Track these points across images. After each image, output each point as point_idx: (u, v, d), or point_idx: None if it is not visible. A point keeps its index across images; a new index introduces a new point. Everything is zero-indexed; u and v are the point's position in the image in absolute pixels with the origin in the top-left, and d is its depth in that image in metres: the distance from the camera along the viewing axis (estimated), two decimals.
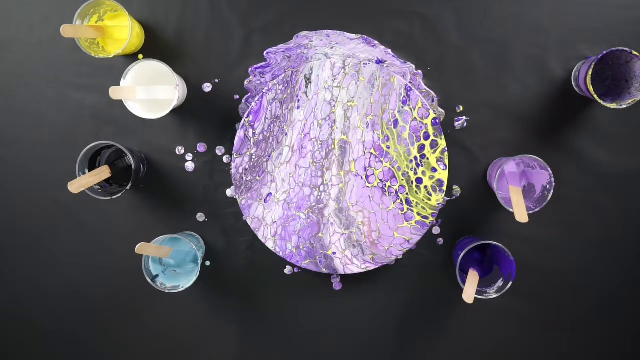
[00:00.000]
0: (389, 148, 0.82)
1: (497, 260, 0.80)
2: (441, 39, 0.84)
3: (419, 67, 0.84)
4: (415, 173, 0.82)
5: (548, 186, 0.75)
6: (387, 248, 0.82)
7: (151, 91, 0.78)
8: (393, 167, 0.82)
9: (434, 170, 0.81)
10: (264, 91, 0.82)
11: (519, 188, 0.77)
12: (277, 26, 0.84)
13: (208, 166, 0.85)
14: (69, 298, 0.86)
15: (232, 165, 0.82)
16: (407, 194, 0.82)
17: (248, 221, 0.83)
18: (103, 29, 0.80)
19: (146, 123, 0.84)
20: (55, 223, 0.85)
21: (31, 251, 0.86)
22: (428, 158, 0.81)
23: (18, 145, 0.85)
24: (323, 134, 0.82)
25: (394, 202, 0.82)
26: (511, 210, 0.75)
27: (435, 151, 0.81)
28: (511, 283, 0.75)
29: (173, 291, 0.77)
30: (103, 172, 0.78)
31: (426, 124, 0.81)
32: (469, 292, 0.74)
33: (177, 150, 0.85)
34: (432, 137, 0.81)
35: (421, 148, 0.81)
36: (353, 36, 0.83)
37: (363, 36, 0.83)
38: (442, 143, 0.81)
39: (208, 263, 0.86)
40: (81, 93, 0.84)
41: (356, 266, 0.83)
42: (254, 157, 0.82)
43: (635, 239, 0.84)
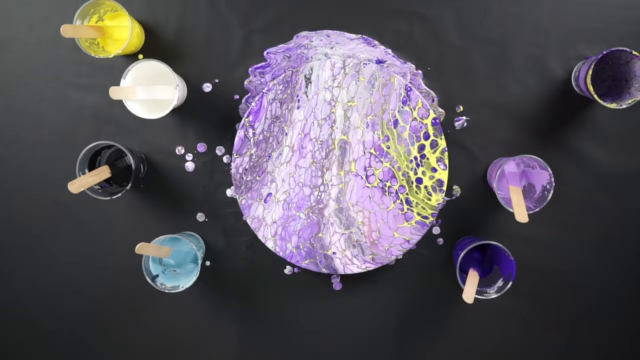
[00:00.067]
0: (389, 148, 0.82)
1: (497, 260, 0.80)
2: (441, 39, 0.84)
3: (419, 67, 0.84)
4: (415, 173, 0.82)
5: (548, 186, 0.75)
6: (387, 248, 0.82)
7: (151, 91, 0.78)
8: (393, 167, 0.82)
9: (434, 170, 0.81)
10: (264, 91, 0.82)
11: (519, 188, 0.77)
12: (277, 26, 0.84)
13: (208, 166, 0.85)
14: (69, 298, 0.86)
15: (232, 165, 0.82)
16: (407, 194, 0.82)
17: (248, 221, 0.83)
18: (103, 29, 0.80)
19: (146, 123, 0.84)
20: (55, 223, 0.85)
21: (31, 251, 0.86)
22: (428, 158, 0.81)
23: (18, 145, 0.85)
24: (323, 134, 0.82)
25: (394, 202, 0.82)
26: (511, 210, 0.75)
27: (435, 151, 0.81)
28: (511, 283, 0.75)
29: (173, 291, 0.77)
30: (103, 172, 0.77)
31: (426, 124, 0.81)
32: (469, 292, 0.74)
33: (177, 150, 0.85)
34: (432, 137, 0.81)
35: (421, 148, 0.81)
36: (353, 36, 0.83)
37: (363, 36, 0.83)
38: (442, 143, 0.81)
39: (208, 263, 0.86)
40: (81, 93, 0.84)
41: (356, 266, 0.83)
42: (254, 157, 0.82)
43: (635, 239, 0.84)
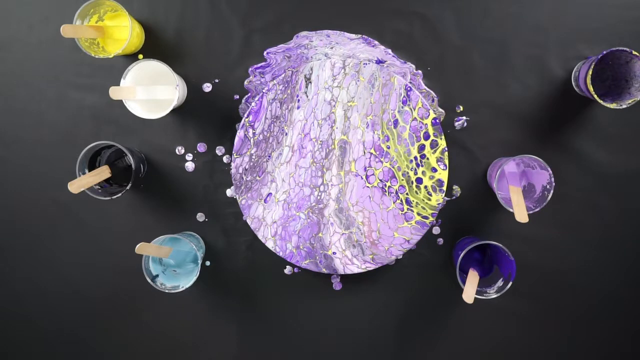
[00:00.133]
0: (389, 148, 0.82)
1: (497, 260, 0.80)
2: (441, 39, 0.84)
3: (419, 67, 0.84)
4: (415, 173, 0.82)
5: (548, 186, 0.75)
6: (387, 248, 0.82)
7: (151, 91, 0.78)
8: (393, 167, 0.82)
9: (434, 170, 0.81)
10: (264, 91, 0.82)
11: (519, 188, 0.77)
12: (277, 26, 0.84)
13: (208, 166, 0.85)
14: (69, 298, 0.86)
15: (232, 165, 0.82)
16: (407, 194, 0.82)
17: (248, 221, 0.83)
18: (103, 29, 0.80)
19: (146, 123, 0.84)
20: (55, 223, 0.85)
21: (31, 251, 0.86)
22: (428, 158, 0.81)
23: (18, 145, 0.85)
24: (323, 134, 0.82)
25: (394, 202, 0.82)
26: (511, 210, 0.75)
27: (435, 151, 0.81)
28: (511, 283, 0.75)
29: (173, 291, 0.77)
30: (103, 172, 0.77)
31: (426, 124, 0.81)
32: (469, 292, 0.74)
33: (177, 150, 0.85)
34: (432, 137, 0.81)
35: (421, 148, 0.81)
36: (353, 36, 0.83)
37: (363, 36, 0.83)
38: (442, 143, 0.81)
39: (208, 263, 0.86)
40: (81, 93, 0.84)
41: (356, 266, 0.83)
42: (254, 157, 0.82)
43: (635, 239, 0.84)
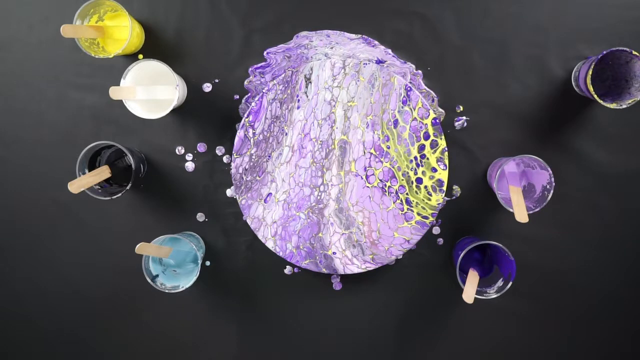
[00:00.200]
0: (389, 148, 0.82)
1: (497, 260, 0.80)
2: (441, 39, 0.84)
3: (419, 67, 0.84)
4: (415, 173, 0.82)
5: (548, 186, 0.75)
6: (387, 248, 0.82)
7: (151, 91, 0.78)
8: (393, 167, 0.82)
9: (434, 170, 0.81)
10: (264, 91, 0.82)
11: (519, 188, 0.77)
12: (277, 26, 0.84)
13: (208, 166, 0.85)
14: (69, 298, 0.86)
15: (232, 165, 0.82)
16: (407, 194, 0.82)
17: (248, 221, 0.83)
18: (103, 29, 0.80)
19: (146, 123, 0.84)
20: (55, 223, 0.85)
21: (31, 251, 0.86)
22: (428, 158, 0.81)
23: (18, 145, 0.85)
24: (323, 134, 0.82)
25: (394, 202, 0.82)
26: (511, 210, 0.75)
27: (435, 151, 0.81)
28: (511, 283, 0.75)
29: (173, 291, 0.77)
30: (103, 172, 0.77)
31: (426, 124, 0.81)
32: (469, 292, 0.74)
33: (177, 150, 0.85)
34: (432, 137, 0.81)
35: (421, 148, 0.81)
36: (353, 36, 0.83)
37: (363, 36, 0.83)
38: (442, 143, 0.81)
39: (208, 263, 0.86)
40: (81, 93, 0.84)
41: (356, 266, 0.83)
42: (254, 157, 0.82)
43: (635, 239, 0.84)
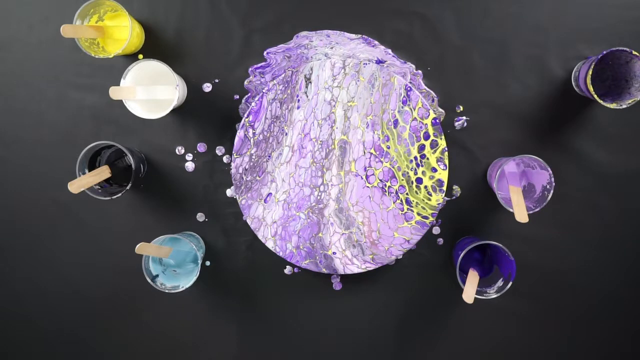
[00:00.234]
0: (389, 148, 0.82)
1: (497, 260, 0.80)
2: (441, 39, 0.84)
3: (419, 67, 0.84)
4: (415, 173, 0.82)
5: (548, 186, 0.75)
6: (387, 248, 0.82)
7: (151, 91, 0.78)
8: (393, 167, 0.82)
9: (434, 170, 0.81)
10: (264, 91, 0.82)
11: (519, 188, 0.77)
12: (277, 26, 0.84)
13: (208, 166, 0.85)
14: (69, 298, 0.86)
15: (232, 165, 0.82)
16: (407, 194, 0.82)
17: (248, 221, 0.83)
18: (103, 29, 0.80)
19: (146, 123, 0.84)
20: (55, 223, 0.85)
21: (31, 251, 0.86)
22: (428, 158, 0.81)
23: (18, 145, 0.85)
24: (323, 134, 0.82)
25: (394, 202, 0.82)
26: (511, 210, 0.75)
27: (435, 151, 0.81)
28: (511, 283, 0.75)
29: (173, 291, 0.77)
30: (103, 172, 0.77)
31: (426, 124, 0.81)
32: (469, 292, 0.74)
33: (177, 150, 0.85)
34: (432, 137, 0.81)
35: (421, 148, 0.81)
36: (353, 36, 0.83)
37: (363, 36, 0.83)
38: (442, 143, 0.81)
39: (208, 263, 0.86)
40: (81, 93, 0.84)
41: (356, 266, 0.83)
42: (254, 157, 0.82)
43: (635, 239, 0.84)
